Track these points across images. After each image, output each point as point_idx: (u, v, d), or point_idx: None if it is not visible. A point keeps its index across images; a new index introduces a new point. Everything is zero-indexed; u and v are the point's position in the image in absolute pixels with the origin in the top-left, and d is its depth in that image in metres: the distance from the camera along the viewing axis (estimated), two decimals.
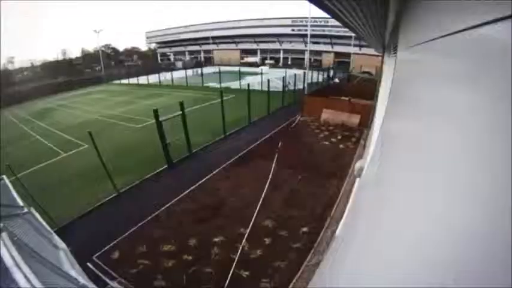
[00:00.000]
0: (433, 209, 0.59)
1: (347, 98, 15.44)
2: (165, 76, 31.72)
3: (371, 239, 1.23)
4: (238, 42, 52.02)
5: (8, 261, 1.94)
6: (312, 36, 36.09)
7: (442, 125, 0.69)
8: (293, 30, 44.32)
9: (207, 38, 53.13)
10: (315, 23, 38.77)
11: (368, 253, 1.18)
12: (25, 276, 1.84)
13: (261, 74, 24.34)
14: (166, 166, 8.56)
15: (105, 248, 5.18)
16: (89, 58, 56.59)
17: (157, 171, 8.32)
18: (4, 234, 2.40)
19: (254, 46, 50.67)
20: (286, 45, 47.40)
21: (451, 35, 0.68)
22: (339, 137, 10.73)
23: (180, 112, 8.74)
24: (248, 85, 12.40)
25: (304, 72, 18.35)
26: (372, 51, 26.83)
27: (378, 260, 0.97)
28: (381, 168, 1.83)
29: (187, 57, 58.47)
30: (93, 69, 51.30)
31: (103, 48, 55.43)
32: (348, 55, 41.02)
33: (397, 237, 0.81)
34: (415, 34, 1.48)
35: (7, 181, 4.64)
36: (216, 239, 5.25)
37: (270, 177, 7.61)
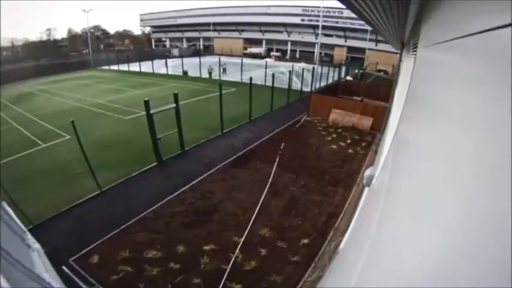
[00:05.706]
0: (448, 224, 0.59)
1: (359, 98, 15.51)
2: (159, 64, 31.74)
3: (377, 256, 1.23)
4: (242, 31, 52.04)
5: None
6: (324, 27, 36.18)
7: (463, 133, 0.68)
8: (303, 20, 44.34)
9: (207, 24, 53.13)
10: (328, 14, 38.84)
11: (373, 271, 1.18)
12: None
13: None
14: (155, 163, 8.57)
15: (84, 251, 5.18)
16: (75, 40, 56.56)
17: (145, 168, 8.33)
18: None
19: (259, 36, 50.69)
20: (295, 37, 47.43)
21: (477, 35, 0.68)
22: (348, 141, 10.75)
23: (174, 105, 8.75)
24: (250, 79, 12.42)
25: (314, 67, 18.39)
26: (389, 47, 26.89)
27: (385, 278, 0.97)
28: (393, 178, 1.84)
29: (185, 45, 58.50)
30: (80, 52, 51.22)
31: (92, 30, 55.44)
32: (362, 50, 41.10)
33: (407, 255, 0.81)
34: (437, 32, 1.48)
35: None
36: (206, 247, 5.25)
37: (269, 181, 7.62)
